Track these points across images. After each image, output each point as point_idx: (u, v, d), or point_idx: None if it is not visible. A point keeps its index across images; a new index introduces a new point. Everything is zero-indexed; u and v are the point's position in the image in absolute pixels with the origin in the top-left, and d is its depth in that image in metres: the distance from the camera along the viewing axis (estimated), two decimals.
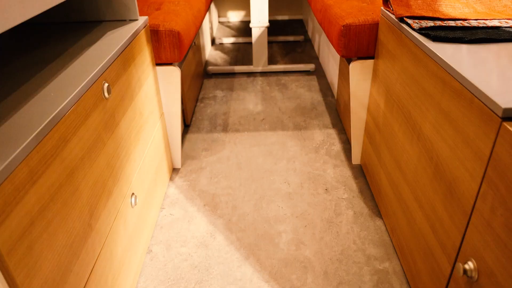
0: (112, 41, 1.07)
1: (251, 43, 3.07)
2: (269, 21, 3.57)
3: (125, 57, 1.07)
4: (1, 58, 0.97)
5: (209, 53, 2.87)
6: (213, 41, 3.08)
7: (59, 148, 0.70)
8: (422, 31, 1.02)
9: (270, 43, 3.02)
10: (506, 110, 0.65)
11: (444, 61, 0.85)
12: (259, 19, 2.35)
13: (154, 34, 1.35)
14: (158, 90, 1.41)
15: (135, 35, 1.17)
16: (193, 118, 2.00)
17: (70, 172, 0.74)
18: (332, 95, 2.19)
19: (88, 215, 0.82)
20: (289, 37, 3.05)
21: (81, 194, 0.79)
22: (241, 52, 2.87)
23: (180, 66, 1.48)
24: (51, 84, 0.82)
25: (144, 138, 1.23)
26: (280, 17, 3.63)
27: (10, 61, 0.94)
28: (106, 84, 0.92)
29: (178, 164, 1.62)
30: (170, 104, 1.48)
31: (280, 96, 2.20)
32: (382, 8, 1.27)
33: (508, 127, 0.63)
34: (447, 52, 0.89)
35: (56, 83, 0.82)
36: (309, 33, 3.12)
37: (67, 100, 0.74)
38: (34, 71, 0.88)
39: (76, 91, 0.78)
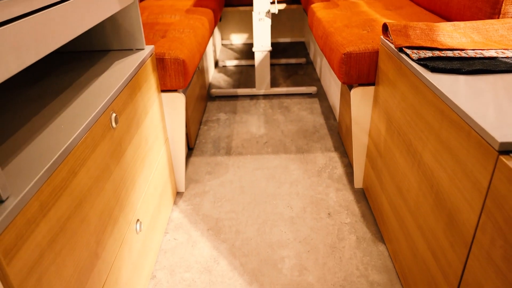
0: (120, 71, 1.10)
1: (253, 65, 3.12)
2: (272, 43, 3.64)
3: (132, 87, 1.10)
4: (12, 88, 1.00)
5: (213, 75, 2.92)
6: (216, 64, 3.14)
7: (69, 180, 0.72)
8: (420, 61, 1.05)
9: (272, 65, 3.07)
10: (502, 144, 0.67)
11: (442, 93, 0.87)
12: (262, 43, 2.40)
13: (160, 62, 1.39)
14: (163, 116, 1.44)
15: (142, 64, 1.21)
16: (197, 141, 2.03)
17: (78, 202, 0.76)
18: (334, 118, 2.21)
19: (95, 244, 0.84)
20: (291, 60, 3.10)
21: (89, 224, 0.81)
22: (244, 74, 2.92)
23: (184, 93, 1.51)
24: (62, 115, 0.84)
25: (149, 164, 1.25)
26: (282, 40, 3.69)
27: (21, 91, 0.98)
28: (114, 115, 0.95)
29: (182, 188, 1.64)
30: (175, 129, 1.51)
31: (283, 119, 2.22)
32: (382, 37, 1.31)
33: (505, 160, 0.65)
34: (445, 83, 0.92)
35: (66, 115, 0.84)
36: (311, 56, 3.17)
37: (77, 133, 0.77)
38: (45, 102, 0.91)
39: (85, 123, 0.80)
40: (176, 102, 1.45)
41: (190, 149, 1.96)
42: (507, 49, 1.11)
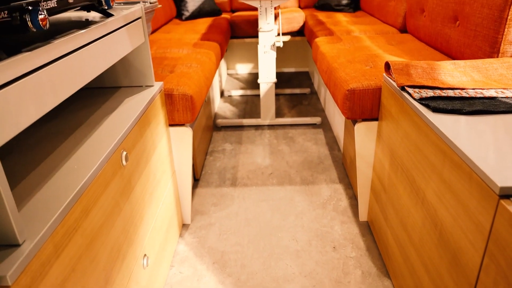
0: (130, 108, 1.14)
1: (259, 95, 3.17)
2: (276, 73, 3.71)
3: (142, 124, 1.14)
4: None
5: (218, 105, 2.97)
6: (222, 93, 3.20)
7: (81, 219, 0.75)
8: (422, 101, 1.08)
9: (277, 95, 3.13)
10: (503, 188, 0.68)
11: (444, 134, 0.90)
12: (267, 75, 2.46)
13: (168, 98, 1.43)
14: (170, 150, 1.47)
15: (151, 101, 1.25)
16: (203, 172, 2.05)
17: (90, 241, 0.78)
18: (339, 149, 2.24)
19: (104, 281, 0.85)
20: (296, 90, 3.16)
21: (99, 262, 0.82)
22: (249, 104, 2.97)
23: (192, 127, 1.55)
24: (75, 154, 0.87)
25: (156, 198, 1.27)
26: (286, 69, 3.76)
27: (36, 129, 1.01)
28: (125, 153, 0.98)
29: (188, 220, 1.65)
30: (182, 162, 1.54)
31: (288, 150, 2.25)
32: (384, 74, 1.35)
33: (506, 205, 0.67)
34: (447, 123, 0.94)
35: (80, 154, 0.87)
36: (315, 86, 3.23)
37: (90, 173, 0.79)
38: (59, 140, 0.94)
39: (97, 164, 0.83)
40: (184, 136, 1.48)
41: (196, 180, 1.98)
42: (506, 89, 1.14)
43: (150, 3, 1.55)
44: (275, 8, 3.36)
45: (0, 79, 0.56)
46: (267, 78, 2.46)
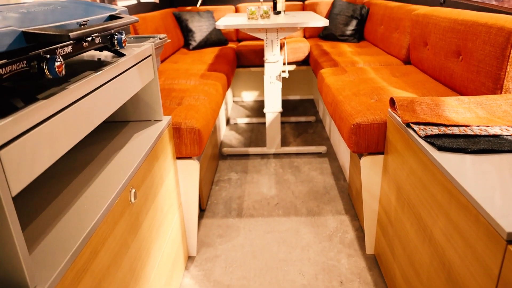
0: (139, 144, 1.16)
1: (264, 123, 3.20)
2: (282, 100, 3.74)
3: (150, 159, 1.15)
4: None
5: (224, 133, 2.99)
6: (228, 121, 3.23)
7: (90, 261, 0.75)
8: (427, 138, 1.09)
9: (282, 123, 3.15)
10: (510, 234, 0.68)
11: (450, 174, 0.91)
12: (273, 105, 2.49)
13: (176, 131, 1.45)
14: (177, 182, 1.48)
15: (160, 136, 1.27)
16: (209, 202, 2.06)
17: (98, 283, 0.78)
18: (344, 179, 2.24)
19: None
20: (301, 118, 3.18)
21: None
22: (255, 132, 3.00)
23: (199, 160, 1.56)
24: (85, 194, 0.89)
25: (163, 232, 1.28)
26: (292, 97, 3.80)
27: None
28: (133, 190, 0.99)
29: (193, 252, 1.65)
30: (188, 195, 1.55)
31: (293, 180, 2.25)
32: (390, 109, 1.36)
33: None
34: (452, 162, 0.95)
35: (89, 193, 0.89)
36: (320, 114, 3.25)
37: (99, 215, 0.80)
38: (70, 178, 0.96)
39: (106, 204, 0.84)
40: (191, 169, 1.50)
41: (202, 211, 1.98)
42: (511, 126, 1.15)
43: (160, 38, 1.59)
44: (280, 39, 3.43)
45: (18, 129, 0.58)
46: (273, 108, 2.49)
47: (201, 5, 3.83)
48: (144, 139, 1.20)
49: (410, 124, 1.20)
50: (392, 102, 1.35)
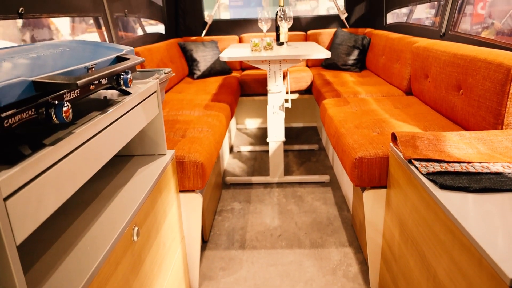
0: (142, 180, 1.17)
1: (267, 151, 3.21)
2: (285, 128, 3.77)
3: (153, 195, 1.16)
4: None
5: (228, 161, 3.00)
6: (231, 149, 3.24)
7: None
8: (429, 176, 1.09)
9: (286, 151, 3.16)
10: None
11: (452, 214, 0.91)
12: (276, 134, 2.50)
13: (180, 165, 1.46)
14: (180, 216, 1.48)
15: (163, 171, 1.28)
16: (211, 233, 2.05)
17: None
18: (348, 210, 2.23)
19: None
20: (304, 146, 3.20)
21: None
22: (258, 161, 3.00)
23: (202, 193, 1.57)
24: (88, 233, 0.89)
25: (165, 268, 1.27)
26: (295, 124, 3.83)
27: None
28: (136, 228, 0.99)
29: (195, 286, 1.63)
30: (191, 228, 1.55)
31: (297, 210, 2.25)
32: (391, 144, 1.37)
33: None
34: (454, 202, 0.95)
35: (92, 233, 0.89)
36: (323, 142, 3.27)
37: (101, 256, 0.81)
38: (73, 217, 0.96)
39: (109, 245, 0.85)
40: (194, 203, 1.50)
41: (204, 242, 1.97)
42: None
43: (165, 73, 1.62)
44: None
45: (24, 178, 0.59)
46: (276, 137, 2.51)
47: (205, 35, 3.91)
48: (148, 175, 1.21)
49: (412, 160, 1.21)
50: (394, 137, 1.36)
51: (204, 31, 3.90)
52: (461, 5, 2.09)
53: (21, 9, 1.48)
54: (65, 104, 0.72)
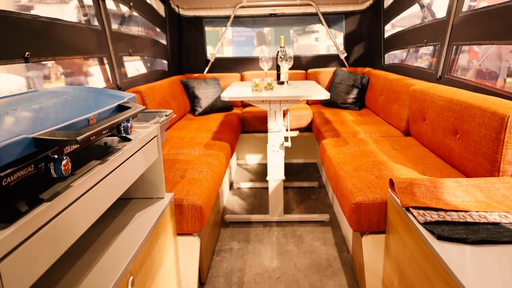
0: (140, 225, 1.17)
1: (267, 188, 3.21)
2: (285, 164, 3.77)
3: (150, 241, 1.16)
4: None
5: (227, 198, 3.00)
6: (231, 185, 3.24)
7: None
8: (427, 225, 1.09)
9: (285, 188, 3.16)
10: None
11: (450, 268, 0.90)
12: (276, 173, 2.51)
13: (178, 208, 1.46)
14: (177, 259, 1.47)
15: (161, 215, 1.28)
16: (209, 275, 2.02)
17: None
18: (348, 251, 2.20)
19: None
20: (304, 183, 3.19)
21: None
22: (258, 198, 3.00)
23: (199, 236, 1.56)
24: (82, 284, 0.88)
25: None
26: (295, 160, 3.84)
27: None
28: (131, 278, 0.99)
29: None
30: (188, 272, 1.53)
31: (296, 250, 2.22)
32: (389, 190, 1.38)
33: None
34: (452, 254, 0.95)
35: (85, 284, 0.88)
36: (323, 179, 3.27)
37: None
38: (68, 266, 0.96)
39: None
40: (191, 246, 1.49)
41: (201, 284, 1.94)
42: (509, 212, 1.15)
43: (166, 115, 1.65)
44: None
45: (20, 237, 0.60)
46: (276, 176, 2.51)
47: (208, 72, 3.99)
48: (145, 220, 1.21)
49: (410, 208, 1.21)
50: (392, 183, 1.36)
51: (207, 68, 3.98)
52: (456, 50, 2.15)
53: (27, 53, 1.53)
54: (64, 158, 0.73)
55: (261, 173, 3.56)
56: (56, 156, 0.73)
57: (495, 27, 1.71)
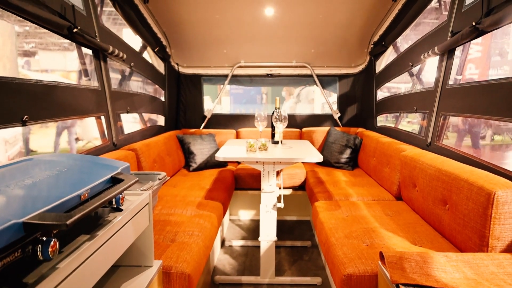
0: None
1: (259, 246, 3.16)
2: (278, 220, 3.74)
3: None
4: None
5: (218, 257, 2.94)
6: (223, 243, 3.19)
7: None
8: None
9: (278, 247, 3.11)
10: None
11: None
12: (268, 233, 2.49)
13: (166, 276, 1.44)
14: None
15: (149, 285, 1.26)
16: None
17: None
18: None
19: None
20: (297, 242, 3.15)
21: None
22: (249, 257, 2.94)
23: None
24: None
25: None
26: (288, 218, 3.81)
27: None
28: None
29: None
30: None
31: None
32: (380, 263, 1.37)
33: None
34: None
35: None
36: (316, 238, 3.23)
37: None
38: None
39: None
40: None
41: None
42: None
43: (159, 179, 1.67)
44: None
45: None
46: (268, 237, 2.49)
47: (204, 127, 4.06)
48: None
49: (399, 285, 1.20)
50: (382, 256, 1.36)
51: (203, 124, 4.05)
52: (444, 119, 2.22)
53: (25, 117, 1.56)
54: (52, 240, 0.74)
55: (253, 230, 3.52)
56: (44, 239, 0.73)
57: (480, 102, 1.78)
